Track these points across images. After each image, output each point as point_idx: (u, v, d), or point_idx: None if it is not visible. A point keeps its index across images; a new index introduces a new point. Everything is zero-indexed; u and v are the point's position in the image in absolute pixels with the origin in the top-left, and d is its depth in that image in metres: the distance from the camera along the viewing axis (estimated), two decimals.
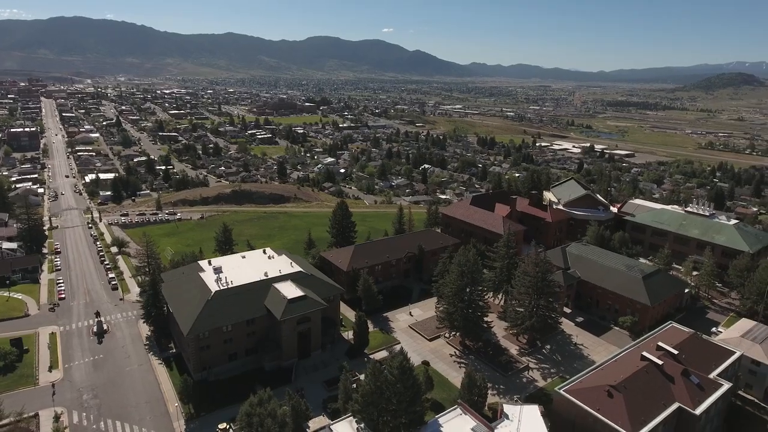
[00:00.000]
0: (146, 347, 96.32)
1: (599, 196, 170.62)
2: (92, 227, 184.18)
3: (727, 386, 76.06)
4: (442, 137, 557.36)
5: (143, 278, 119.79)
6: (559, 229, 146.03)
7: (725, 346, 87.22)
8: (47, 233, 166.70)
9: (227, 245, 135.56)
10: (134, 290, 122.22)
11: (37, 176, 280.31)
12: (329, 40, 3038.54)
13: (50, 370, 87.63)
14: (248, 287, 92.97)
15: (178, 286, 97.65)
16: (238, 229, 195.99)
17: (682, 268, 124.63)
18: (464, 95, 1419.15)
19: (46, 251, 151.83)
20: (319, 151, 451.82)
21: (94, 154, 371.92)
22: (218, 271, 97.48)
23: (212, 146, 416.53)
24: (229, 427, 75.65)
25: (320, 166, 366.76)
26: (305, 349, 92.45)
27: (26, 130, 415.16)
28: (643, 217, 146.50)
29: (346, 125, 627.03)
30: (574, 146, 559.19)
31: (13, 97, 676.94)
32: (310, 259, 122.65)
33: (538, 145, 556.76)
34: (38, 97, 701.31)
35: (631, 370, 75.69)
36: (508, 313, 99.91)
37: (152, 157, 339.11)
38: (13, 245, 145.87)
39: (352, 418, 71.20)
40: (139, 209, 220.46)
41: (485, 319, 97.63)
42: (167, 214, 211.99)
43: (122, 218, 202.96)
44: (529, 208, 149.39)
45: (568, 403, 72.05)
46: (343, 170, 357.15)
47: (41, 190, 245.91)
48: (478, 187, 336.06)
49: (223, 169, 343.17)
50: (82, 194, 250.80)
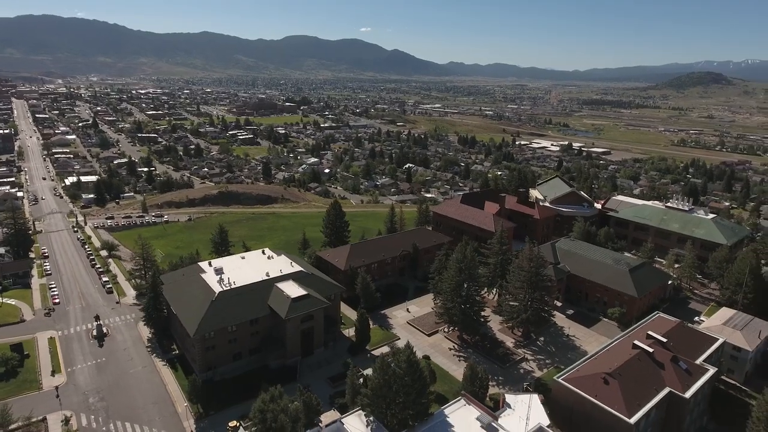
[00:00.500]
0: (148, 349, 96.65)
1: (582, 193, 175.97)
2: (78, 231, 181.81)
3: (712, 371, 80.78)
4: (423, 136, 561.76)
5: (139, 281, 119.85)
6: (546, 225, 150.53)
7: (709, 333, 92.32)
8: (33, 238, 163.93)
9: (223, 246, 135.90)
10: (130, 293, 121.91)
11: (14, 180, 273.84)
12: (307, 39, 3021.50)
13: (53, 374, 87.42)
14: (251, 287, 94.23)
15: (179, 287, 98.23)
16: (227, 230, 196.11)
17: (664, 261, 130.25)
18: (443, 94, 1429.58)
19: (33, 256, 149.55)
20: (301, 151, 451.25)
21: (72, 156, 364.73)
22: (219, 272, 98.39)
23: (193, 147, 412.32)
24: (239, 424, 77.10)
25: (304, 166, 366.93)
26: (308, 347, 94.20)
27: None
28: (626, 212, 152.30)
29: (327, 125, 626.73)
30: (552, 144, 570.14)
31: None
32: (306, 258, 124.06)
33: (517, 143, 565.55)
34: (9, 97, 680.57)
35: (624, 358, 79.75)
36: (503, 307, 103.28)
37: (133, 158, 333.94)
38: (0, 250, 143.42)
39: (361, 411, 73.40)
40: (124, 212, 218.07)
41: (482, 313, 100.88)
42: (154, 216, 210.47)
43: (108, 221, 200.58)
44: (517, 205, 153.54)
45: (566, 391, 75.63)
46: (327, 170, 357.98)
47: (20, 193, 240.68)
48: (461, 185, 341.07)
49: (206, 170, 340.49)
50: (63, 197, 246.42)
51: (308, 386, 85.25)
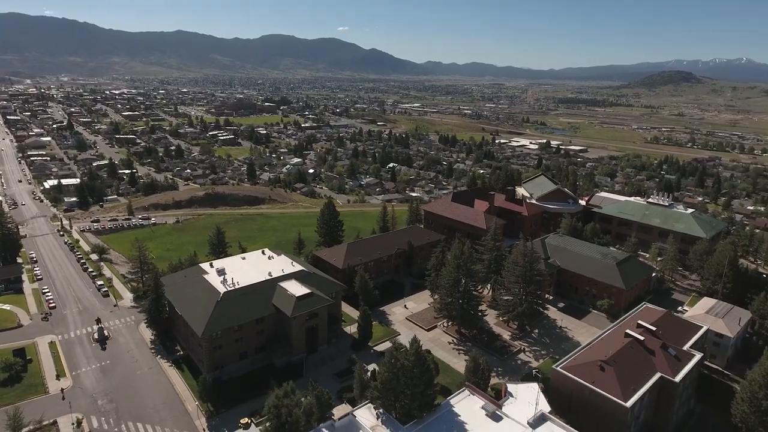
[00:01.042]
0: (152, 351, 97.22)
1: (566, 190, 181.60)
2: (64, 235, 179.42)
3: (699, 356, 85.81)
4: (404, 136, 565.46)
5: (137, 284, 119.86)
6: (534, 222, 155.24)
7: (693, 321, 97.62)
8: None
9: (220, 247, 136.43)
10: (126, 296, 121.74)
11: None
12: (284, 38, 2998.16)
13: (58, 378, 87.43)
14: (255, 287, 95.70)
15: (183, 289, 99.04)
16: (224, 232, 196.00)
17: (648, 254, 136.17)
18: (421, 93, 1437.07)
19: (20, 261, 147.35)
20: (284, 151, 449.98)
21: (48, 159, 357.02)
22: (222, 272, 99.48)
23: (174, 149, 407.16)
24: (250, 421, 78.73)
25: (288, 166, 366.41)
26: (313, 344, 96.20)
27: None
28: (609, 208, 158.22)
29: (308, 125, 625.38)
30: (531, 143, 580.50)
31: None
32: (303, 258, 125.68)
33: (497, 142, 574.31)
34: None
35: (617, 346, 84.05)
36: (499, 301, 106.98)
37: (114, 161, 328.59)
38: None
39: (370, 405, 75.87)
40: (109, 215, 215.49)
41: (479, 308, 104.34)
42: (141, 219, 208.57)
43: (94, 224, 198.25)
44: (505, 203, 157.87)
45: (565, 378, 79.48)
46: (312, 170, 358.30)
47: None
48: (445, 184, 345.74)
49: (188, 171, 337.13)
50: (43, 201, 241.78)
51: (309, 382, 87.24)
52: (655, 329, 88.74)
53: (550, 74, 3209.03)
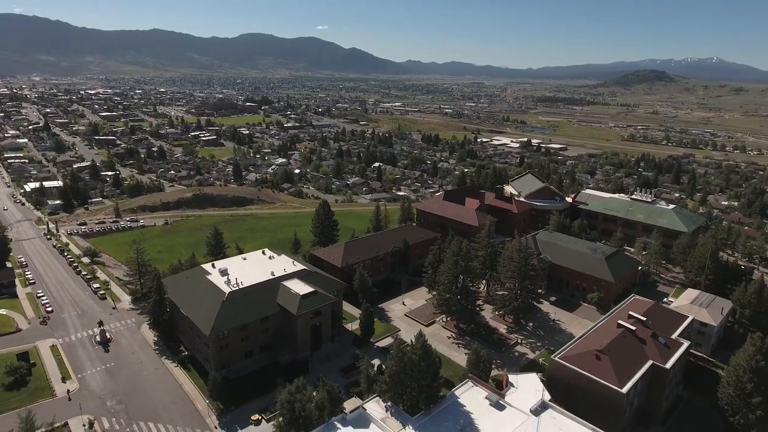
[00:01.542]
0: (156, 352, 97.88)
1: (553, 187, 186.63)
2: (51, 238, 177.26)
3: (687, 344, 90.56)
4: (388, 135, 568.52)
5: (135, 286, 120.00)
6: (523, 219, 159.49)
7: (679, 311, 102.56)
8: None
9: (218, 248, 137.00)
10: (125, 298, 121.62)
11: None
12: (263, 37, 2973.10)
13: (63, 381, 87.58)
14: (259, 286, 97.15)
15: (186, 290, 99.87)
16: (206, 233, 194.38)
17: (633, 249, 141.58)
18: (402, 93, 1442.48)
19: (9, 265, 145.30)
20: (267, 151, 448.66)
21: (26, 161, 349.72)
22: (225, 273, 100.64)
23: (156, 150, 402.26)
24: (261, 417, 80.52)
25: (274, 167, 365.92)
26: (317, 341, 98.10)
27: None
28: (595, 205, 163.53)
29: (290, 125, 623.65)
30: (512, 141, 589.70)
31: None
32: (300, 257, 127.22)
33: (479, 140, 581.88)
34: None
35: (611, 336, 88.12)
36: (495, 296, 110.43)
37: (96, 162, 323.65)
38: None
39: (378, 398, 78.35)
40: (96, 217, 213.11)
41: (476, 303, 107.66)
42: (129, 221, 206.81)
43: (81, 227, 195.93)
44: (495, 201, 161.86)
45: (563, 368, 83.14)
46: (297, 171, 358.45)
47: None
48: (431, 183, 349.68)
49: (173, 173, 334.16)
50: (24, 204, 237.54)
51: (319, 378, 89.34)
52: (645, 320, 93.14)
53: (528, 73, 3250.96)
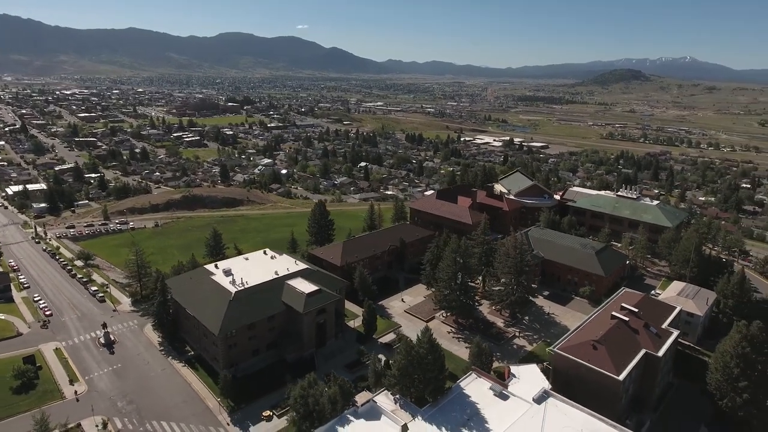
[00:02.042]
0: (162, 352, 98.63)
1: (541, 185, 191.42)
2: (40, 242, 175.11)
3: (676, 333, 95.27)
4: (372, 135, 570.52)
5: (135, 288, 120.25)
6: (514, 216, 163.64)
7: (668, 303, 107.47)
8: None
9: (217, 249, 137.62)
10: (124, 301, 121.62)
11: None
12: (242, 36, 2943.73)
13: (71, 383, 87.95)
14: (264, 286, 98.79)
15: (191, 290, 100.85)
16: (198, 234, 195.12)
17: (620, 244, 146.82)
18: (384, 92, 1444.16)
19: (1, 269, 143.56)
20: (252, 152, 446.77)
21: (5, 164, 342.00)
22: (229, 273, 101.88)
23: (139, 151, 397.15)
24: (272, 413, 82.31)
25: (261, 167, 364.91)
26: (322, 338, 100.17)
27: None
28: (582, 202, 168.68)
29: (274, 125, 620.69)
30: (494, 140, 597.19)
31: None
32: (299, 257, 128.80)
33: (462, 140, 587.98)
34: None
35: (605, 327, 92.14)
36: (492, 292, 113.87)
37: (79, 165, 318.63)
38: None
39: (386, 391, 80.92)
40: (84, 220, 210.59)
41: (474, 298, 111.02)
42: (118, 223, 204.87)
43: (70, 231, 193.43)
44: (487, 199, 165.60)
45: (563, 358, 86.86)
46: (284, 171, 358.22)
47: None
48: (417, 182, 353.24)
49: (158, 174, 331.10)
50: (8, 208, 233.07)
51: (330, 373, 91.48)
52: (637, 311, 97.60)
53: (508, 72, 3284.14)
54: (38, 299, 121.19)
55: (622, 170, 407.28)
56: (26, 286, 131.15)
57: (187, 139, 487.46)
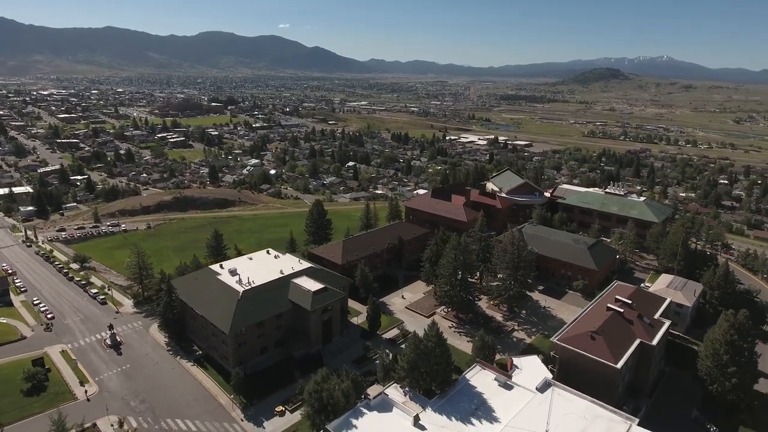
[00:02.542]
0: (170, 352, 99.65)
1: (531, 183, 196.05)
2: (31, 245, 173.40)
3: (668, 323, 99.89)
4: (358, 134, 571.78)
5: (137, 289, 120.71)
6: (506, 214, 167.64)
7: (658, 294, 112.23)
8: None
9: (218, 250, 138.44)
10: (126, 302, 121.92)
11: None
12: (223, 35, 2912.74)
13: (82, 384, 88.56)
14: (270, 285, 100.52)
15: (198, 290, 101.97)
16: (193, 235, 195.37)
17: (609, 239, 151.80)
18: (367, 92, 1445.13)
19: None
20: (239, 152, 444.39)
21: None
22: (234, 273, 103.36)
23: (124, 152, 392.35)
24: (285, 408, 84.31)
25: (249, 168, 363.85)
26: (328, 335, 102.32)
27: None
28: (572, 199, 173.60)
29: (259, 125, 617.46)
30: (479, 139, 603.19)
31: None
32: (299, 256, 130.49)
33: (448, 138, 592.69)
34: None
35: (602, 318, 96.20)
36: (490, 287, 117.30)
37: (64, 167, 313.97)
38: None
39: (396, 384, 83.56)
40: (74, 223, 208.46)
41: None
42: (110, 226, 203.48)
43: (61, 234, 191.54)
44: (480, 197, 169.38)
45: (563, 349, 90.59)
46: (273, 171, 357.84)
47: None
48: (406, 181, 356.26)
49: (145, 176, 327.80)
50: None
51: (342, 368, 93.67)
52: (631, 302, 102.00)
53: (489, 71, 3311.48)
54: (38, 302, 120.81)
55: (604, 168, 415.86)
56: (23, 289, 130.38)
57: (172, 140, 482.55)
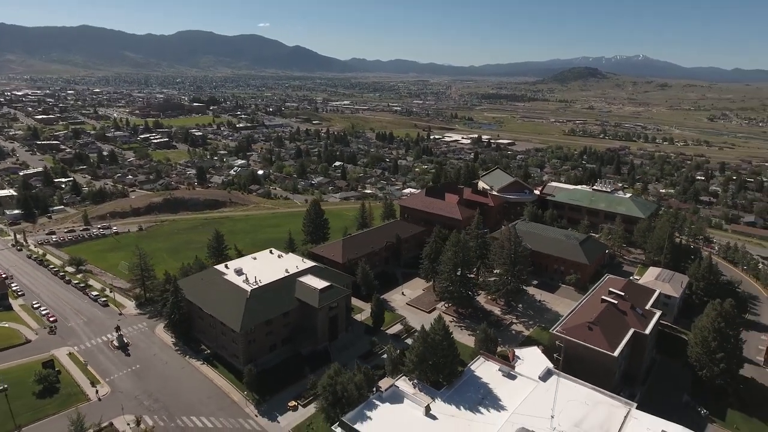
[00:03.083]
0: (178, 352, 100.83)
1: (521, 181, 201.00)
2: (22, 249, 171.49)
3: (659, 313, 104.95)
4: (343, 134, 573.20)
5: (138, 291, 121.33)
6: (498, 211, 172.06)
7: (648, 286, 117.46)
8: None
9: (219, 250, 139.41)
10: (128, 304, 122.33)
11: None
12: (202, 34, 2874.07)
13: (93, 385, 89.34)
14: (277, 284, 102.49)
15: (204, 290, 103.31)
16: (186, 237, 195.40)
17: (598, 235, 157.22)
18: (349, 91, 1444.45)
19: None
20: (224, 153, 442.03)
21: None
22: (240, 272, 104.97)
23: (107, 154, 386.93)
24: (297, 403, 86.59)
25: (236, 169, 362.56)
26: (333, 332, 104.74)
27: None
28: (561, 196, 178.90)
29: (242, 125, 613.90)
30: (463, 137, 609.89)
31: None
32: (300, 255, 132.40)
33: (432, 138, 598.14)
34: None
35: (597, 310, 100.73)
36: (488, 282, 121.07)
37: (47, 169, 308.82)
38: None
39: (404, 377, 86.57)
40: (64, 226, 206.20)
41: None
42: (101, 228, 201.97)
43: (51, 237, 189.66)
44: (472, 195, 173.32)
45: (562, 339, 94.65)
46: (261, 172, 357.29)
47: None
48: (394, 180, 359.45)
49: (130, 177, 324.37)
50: None
51: (345, 365, 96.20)
52: (623, 294, 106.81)
53: (470, 71, 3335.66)
54: (38, 306, 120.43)
55: (586, 165, 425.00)
56: (21, 293, 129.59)
57: (155, 140, 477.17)
